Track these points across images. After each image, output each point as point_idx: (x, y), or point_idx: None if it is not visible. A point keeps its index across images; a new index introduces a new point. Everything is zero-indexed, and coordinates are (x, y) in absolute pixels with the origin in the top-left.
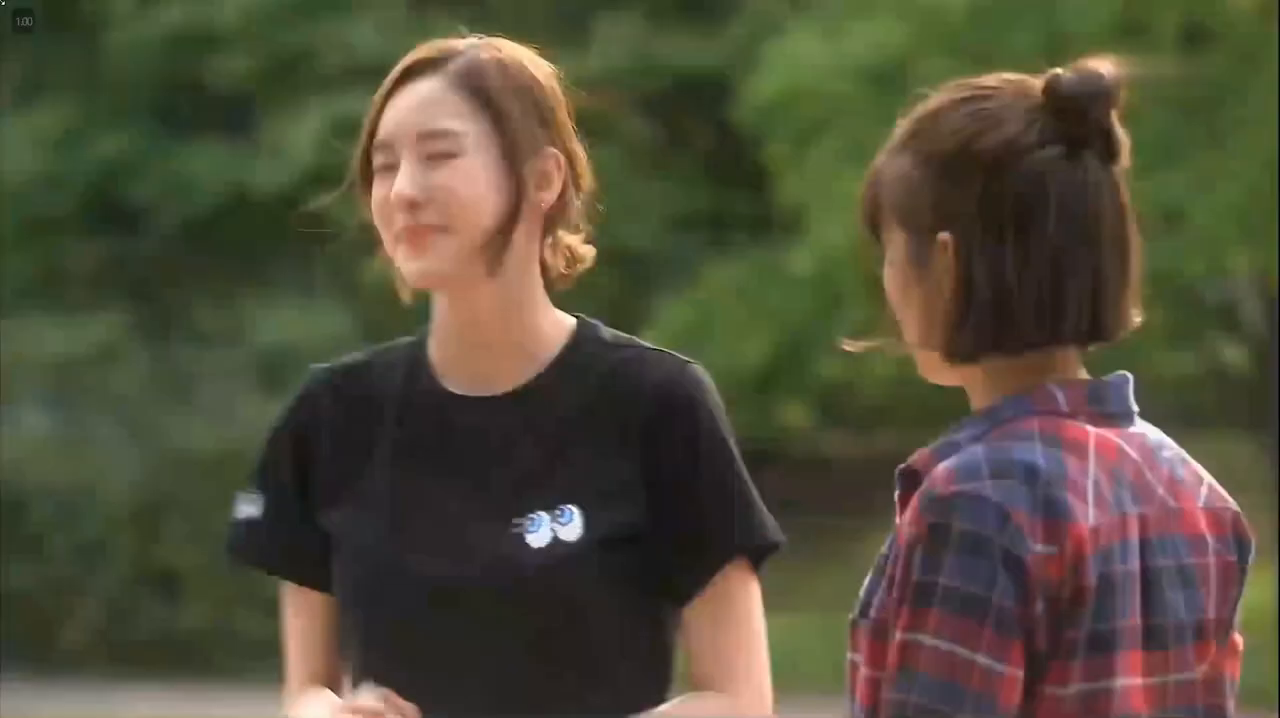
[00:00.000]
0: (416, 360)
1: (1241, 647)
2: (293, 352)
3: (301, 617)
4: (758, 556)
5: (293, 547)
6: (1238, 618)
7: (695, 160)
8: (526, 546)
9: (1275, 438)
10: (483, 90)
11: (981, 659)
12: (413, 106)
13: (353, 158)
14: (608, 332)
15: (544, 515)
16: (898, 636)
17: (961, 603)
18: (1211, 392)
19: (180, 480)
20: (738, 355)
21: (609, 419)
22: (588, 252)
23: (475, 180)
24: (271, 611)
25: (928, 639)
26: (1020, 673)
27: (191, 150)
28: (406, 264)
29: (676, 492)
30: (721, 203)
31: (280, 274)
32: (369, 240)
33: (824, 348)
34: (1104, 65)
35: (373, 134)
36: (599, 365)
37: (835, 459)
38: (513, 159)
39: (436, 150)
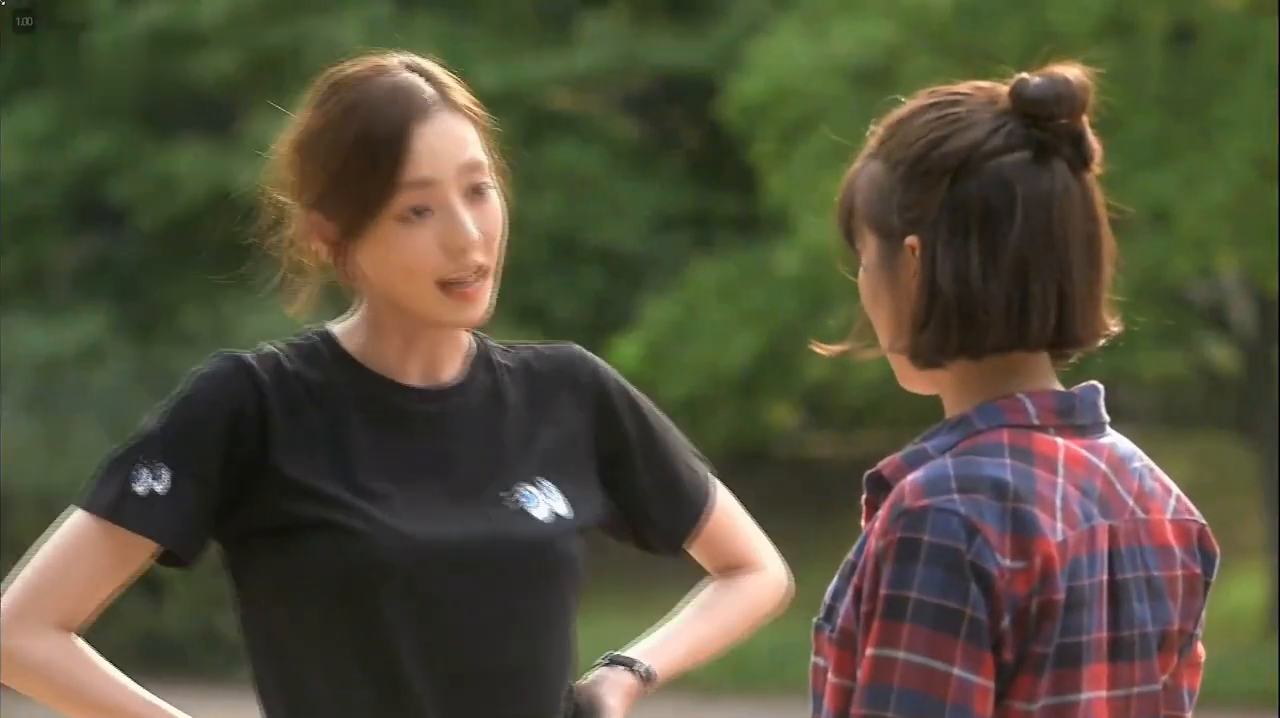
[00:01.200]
0: (338, 357)
1: (1203, 659)
2: None
3: (115, 566)
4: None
5: (194, 527)
6: (1200, 631)
7: (681, 160)
8: (531, 517)
9: (1264, 439)
10: (480, 119)
11: (956, 672)
12: (448, 141)
13: (346, 188)
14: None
15: (532, 490)
16: (868, 651)
17: (934, 616)
18: (1199, 392)
19: None
20: (723, 355)
21: (555, 408)
22: None
23: (500, 212)
24: None
25: (900, 654)
26: (992, 685)
27: (174, 149)
28: (454, 313)
29: (644, 461)
30: (707, 202)
31: (263, 273)
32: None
33: (810, 348)
34: (1071, 71)
35: (395, 168)
36: (510, 361)
37: (821, 460)
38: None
39: (475, 184)
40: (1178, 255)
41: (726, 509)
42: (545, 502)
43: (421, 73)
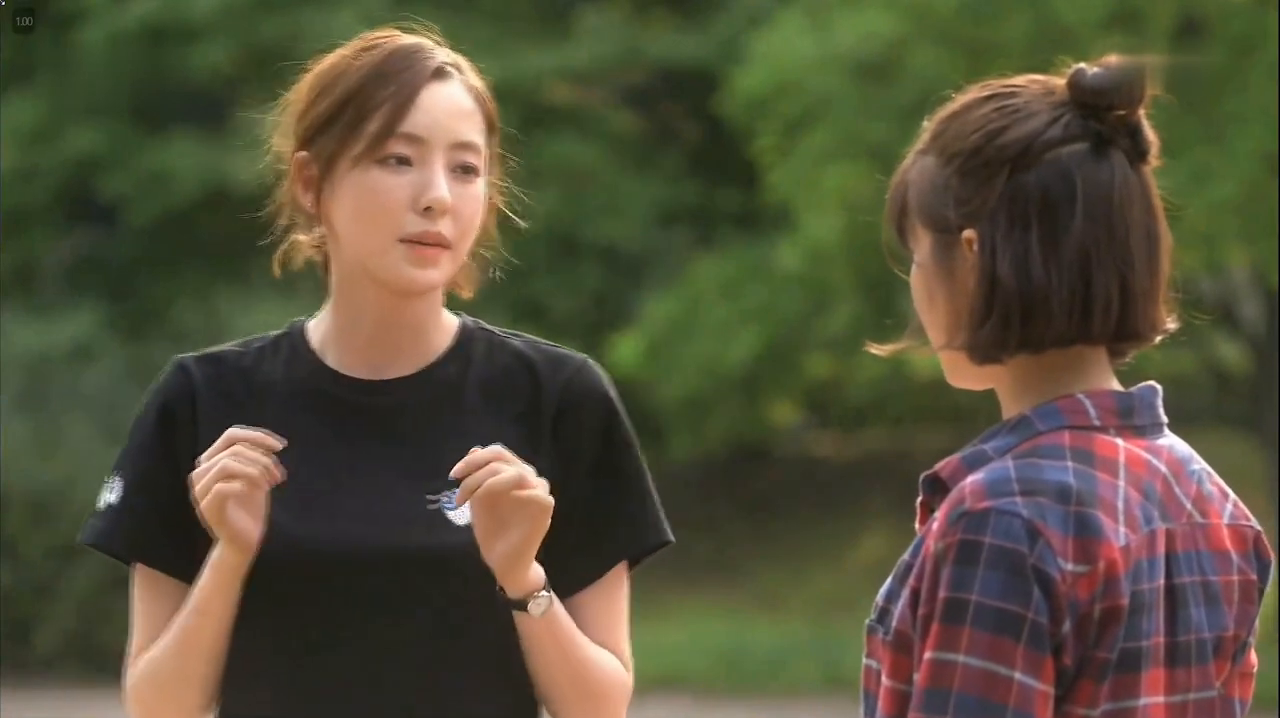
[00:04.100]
0: (295, 349)
1: (1255, 668)
2: None
3: (157, 601)
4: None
5: (151, 532)
6: (1253, 638)
7: (681, 155)
8: (450, 523)
9: (1273, 437)
10: (489, 112)
11: (1018, 677)
12: (450, 112)
13: (341, 122)
14: (496, 328)
15: (455, 496)
16: (927, 654)
17: (995, 620)
18: (1209, 390)
19: None
20: (724, 353)
21: (514, 408)
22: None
23: (481, 202)
24: None
25: (960, 658)
26: (1052, 690)
27: (167, 144)
28: (410, 269)
29: (591, 486)
30: (708, 197)
31: (258, 270)
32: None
33: (812, 346)
34: (1130, 61)
35: (397, 118)
36: (495, 356)
37: (823, 459)
38: (489, 182)
39: (464, 162)
40: (1185, 251)
41: (614, 592)
42: (467, 510)
43: (446, 53)
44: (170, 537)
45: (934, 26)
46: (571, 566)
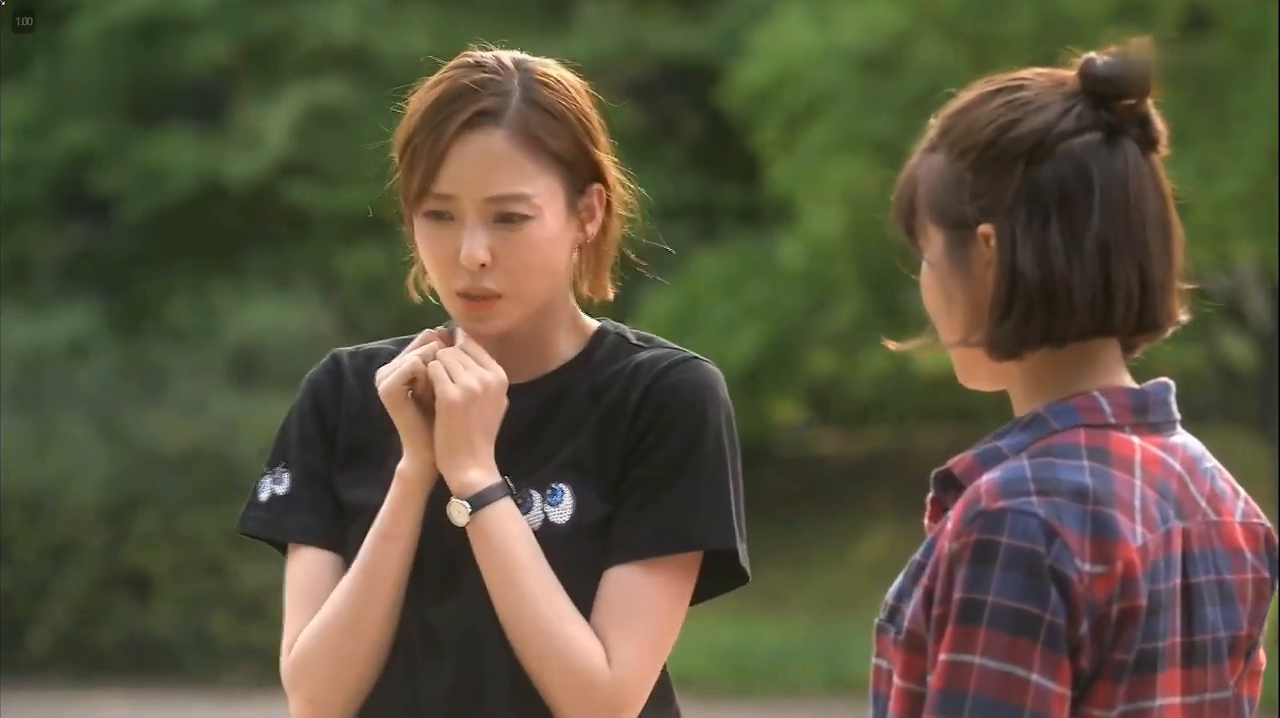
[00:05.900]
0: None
1: (1264, 667)
2: (267, 346)
3: (325, 576)
4: (715, 557)
5: (322, 515)
6: (1263, 637)
7: (682, 148)
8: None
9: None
10: (546, 145)
11: (1035, 678)
12: (479, 165)
13: (398, 172)
14: (633, 333)
15: (535, 495)
16: (942, 656)
17: (1013, 621)
18: (1216, 386)
19: (151, 479)
20: (725, 349)
21: (608, 405)
22: (607, 291)
23: (543, 246)
24: (244, 614)
25: (976, 659)
26: (1069, 693)
27: (162, 138)
28: (465, 320)
29: (650, 477)
30: (709, 192)
31: (254, 266)
32: (347, 233)
33: (815, 342)
34: (1139, 50)
35: (430, 176)
36: (614, 361)
37: (825, 457)
38: (573, 206)
39: (504, 213)
40: (1193, 247)
41: (640, 587)
42: (541, 508)
43: (525, 86)
44: (337, 518)
45: (938, 19)
46: (611, 540)
